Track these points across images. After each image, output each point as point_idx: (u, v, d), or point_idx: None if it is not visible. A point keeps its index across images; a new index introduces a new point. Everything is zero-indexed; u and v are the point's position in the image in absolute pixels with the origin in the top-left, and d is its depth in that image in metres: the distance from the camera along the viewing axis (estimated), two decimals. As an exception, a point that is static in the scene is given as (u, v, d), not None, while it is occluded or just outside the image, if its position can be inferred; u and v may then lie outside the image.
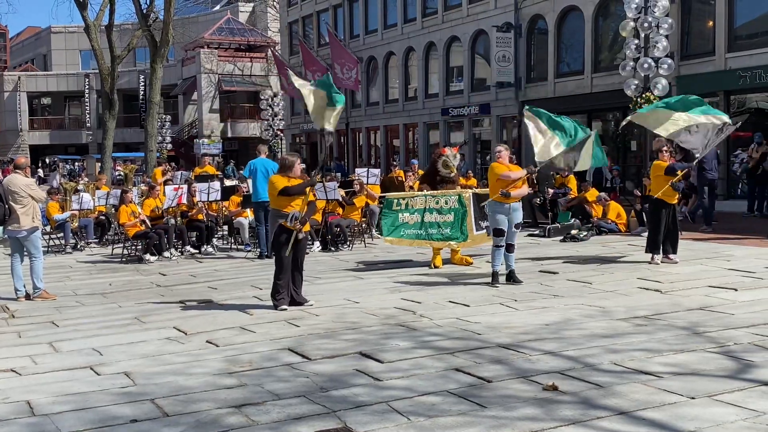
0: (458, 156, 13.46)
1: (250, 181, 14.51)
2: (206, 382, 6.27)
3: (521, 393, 5.73)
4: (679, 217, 17.18)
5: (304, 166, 9.79)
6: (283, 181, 9.24)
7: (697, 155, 11.90)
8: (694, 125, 11.45)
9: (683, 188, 13.23)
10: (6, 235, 11.18)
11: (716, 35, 22.74)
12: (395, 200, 12.28)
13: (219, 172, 23.64)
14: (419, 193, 12.53)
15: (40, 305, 10.15)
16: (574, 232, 15.31)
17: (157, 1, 33.09)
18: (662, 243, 11.76)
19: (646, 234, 12.85)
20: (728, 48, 22.44)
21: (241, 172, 16.16)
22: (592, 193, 16.93)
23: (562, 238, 15.32)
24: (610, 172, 21.80)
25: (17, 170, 10.96)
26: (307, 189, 9.31)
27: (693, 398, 5.48)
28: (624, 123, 12.74)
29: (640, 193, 16.16)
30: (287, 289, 9.23)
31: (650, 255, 11.83)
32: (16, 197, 10.51)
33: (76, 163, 51.28)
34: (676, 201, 12.03)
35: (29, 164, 11.52)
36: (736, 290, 9.39)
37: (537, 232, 16.38)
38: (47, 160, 55.25)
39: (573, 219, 16.25)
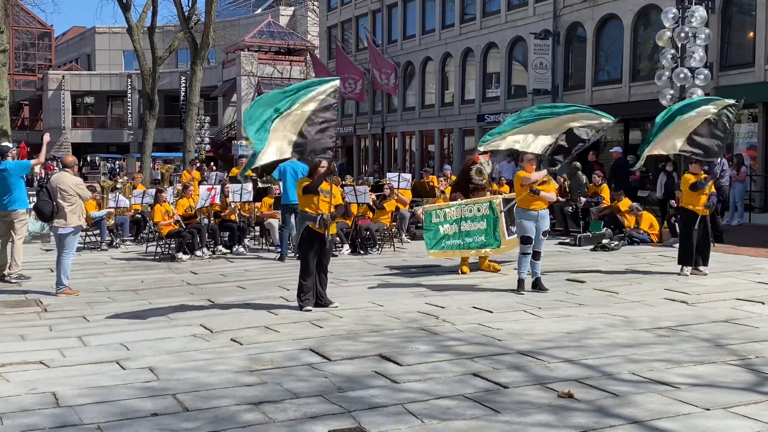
0: (491, 163, 13.47)
1: (281, 183, 14.65)
2: (227, 379, 6.39)
3: (536, 400, 5.76)
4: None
5: (328, 168, 9.77)
6: (308, 181, 9.41)
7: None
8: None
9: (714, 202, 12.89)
10: (51, 232, 11.43)
11: (756, 46, 22.48)
12: (434, 212, 12.29)
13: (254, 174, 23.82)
14: (454, 203, 12.55)
15: (73, 300, 10.36)
16: (605, 241, 15.23)
17: (198, 4, 33.60)
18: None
19: (677, 245, 12.77)
20: (769, 59, 22.17)
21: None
22: (624, 203, 16.82)
23: (592, 247, 15.25)
24: None
25: (66, 169, 11.21)
26: (335, 191, 9.47)
27: (708, 410, 5.48)
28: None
29: (675, 204, 16.02)
30: (313, 290, 9.35)
31: (680, 266, 11.76)
32: (65, 195, 10.75)
33: (116, 162, 52.04)
34: (707, 213, 11.91)
35: (77, 163, 11.77)
36: (763, 303, 9.31)
37: (568, 240, 16.32)
38: (88, 159, 56.16)
39: (605, 228, 16.15)
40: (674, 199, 16.36)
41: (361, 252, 14.95)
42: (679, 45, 17.38)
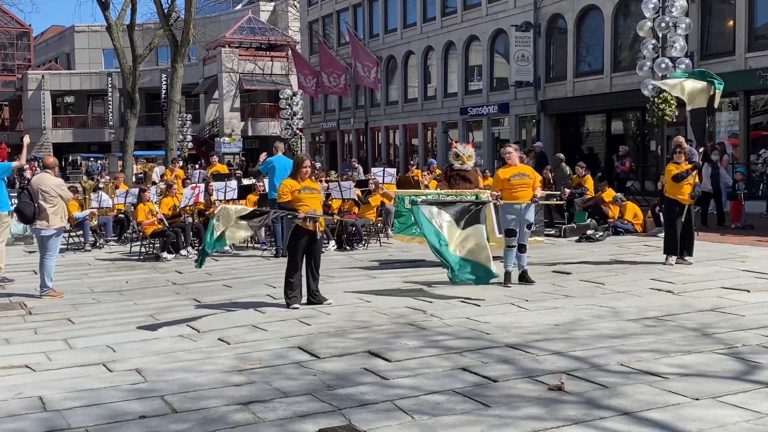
0: (466, 146, 13.43)
1: (266, 180, 14.58)
2: (215, 379, 6.35)
3: (526, 393, 5.76)
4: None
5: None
6: (294, 185, 9.29)
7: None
8: None
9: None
10: (33, 234, 11.32)
11: (736, 34, 22.59)
12: (407, 198, 12.22)
13: (239, 171, 23.78)
14: (432, 191, 12.50)
15: (57, 302, 10.28)
16: (589, 232, 15.29)
17: (178, 1, 33.36)
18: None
19: (662, 235, 12.83)
20: (748, 47, 22.28)
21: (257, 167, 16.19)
22: (608, 194, 16.90)
23: (577, 238, 15.31)
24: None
25: (46, 170, 11.07)
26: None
27: (697, 399, 5.49)
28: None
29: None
30: (299, 287, 9.31)
31: (665, 256, 11.81)
32: (46, 197, 10.63)
33: (99, 161, 51.66)
34: (691, 202, 11.95)
35: (57, 164, 11.65)
36: (748, 291, 9.37)
37: (553, 232, 16.36)
38: (70, 158, 55.72)
39: (589, 219, 16.21)
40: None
41: (347, 248, 14.92)
42: (660, 35, 17.40)
